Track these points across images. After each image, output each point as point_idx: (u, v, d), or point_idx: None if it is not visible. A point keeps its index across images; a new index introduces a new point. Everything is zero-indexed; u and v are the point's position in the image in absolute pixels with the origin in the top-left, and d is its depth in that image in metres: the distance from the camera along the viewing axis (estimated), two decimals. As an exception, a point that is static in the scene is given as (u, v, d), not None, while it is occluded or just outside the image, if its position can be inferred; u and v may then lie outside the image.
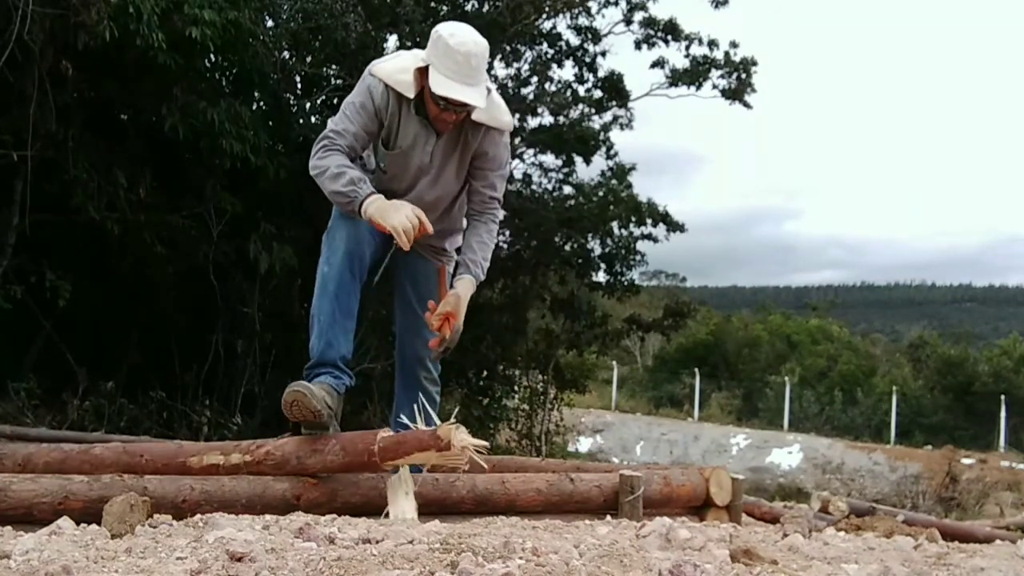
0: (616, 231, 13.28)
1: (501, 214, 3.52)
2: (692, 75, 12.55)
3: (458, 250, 3.53)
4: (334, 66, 9.98)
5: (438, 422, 2.96)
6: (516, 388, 14.32)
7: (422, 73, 3.17)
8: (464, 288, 3.31)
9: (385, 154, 3.32)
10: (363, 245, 3.26)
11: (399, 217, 3.05)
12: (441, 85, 3.10)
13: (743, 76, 12.49)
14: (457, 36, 3.13)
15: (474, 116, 3.23)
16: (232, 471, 3.16)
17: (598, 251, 13.43)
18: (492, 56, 11.68)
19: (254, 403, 9.13)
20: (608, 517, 3.36)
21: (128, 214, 8.13)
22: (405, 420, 3.04)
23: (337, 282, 3.23)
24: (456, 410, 3.12)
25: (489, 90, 3.24)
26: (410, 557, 2.05)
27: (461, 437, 2.83)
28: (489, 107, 3.25)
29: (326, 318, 3.25)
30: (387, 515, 2.93)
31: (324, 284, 3.25)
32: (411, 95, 3.19)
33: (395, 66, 3.25)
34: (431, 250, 3.51)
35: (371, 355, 9.50)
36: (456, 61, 3.09)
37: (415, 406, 3.04)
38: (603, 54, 12.59)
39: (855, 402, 26.11)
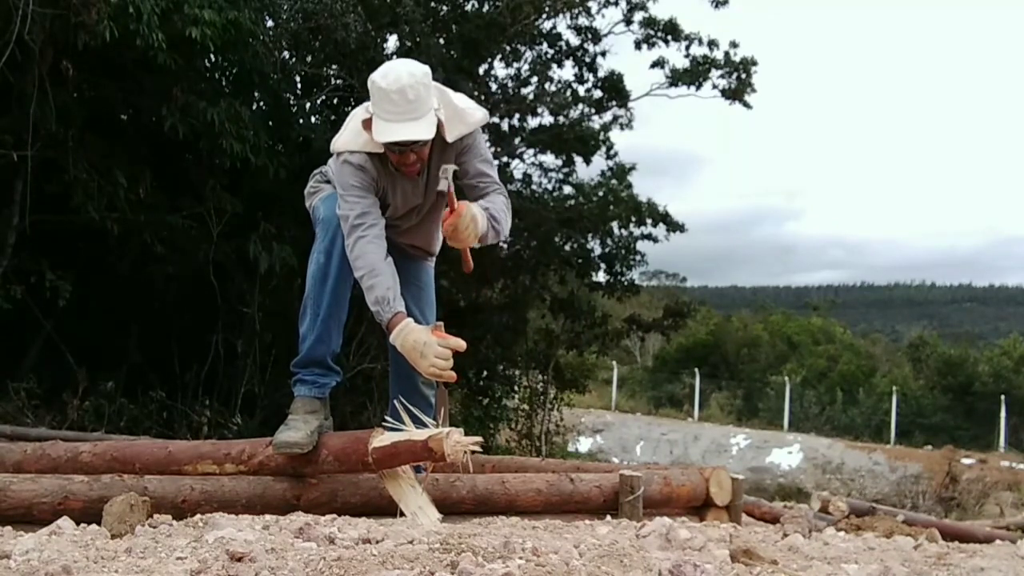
0: (616, 231, 13.30)
1: (504, 192, 3.34)
2: (692, 75, 12.56)
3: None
4: (334, 66, 9.97)
5: (429, 424, 2.95)
6: (516, 388, 14.33)
7: (369, 125, 3.06)
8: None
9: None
10: None
11: (429, 363, 2.96)
12: (382, 131, 2.99)
13: (743, 76, 12.50)
14: (389, 75, 2.99)
15: (448, 138, 3.14)
16: (229, 475, 3.16)
17: (598, 251, 13.45)
18: (492, 56, 11.75)
19: (254, 403, 9.12)
20: (608, 517, 3.36)
21: (128, 214, 8.13)
22: (393, 423, 3.01)
23: (336, 275, 3.20)
24: (443, 412, 3.09)
25: (438, 109, 3.07)
26: (410, 557, 2.05)
27: (454, 441, 2.81)
28: (458, 116, 3.15)
29: (323, 311, 3.23)
30: (401, 513, 2.93)
31: (323, 276, 3.22)
32: (381, 150, 3.10)
33: (352, 133, 3.15)
34: (420, 252, 3.58)
35: (371, 355, 9.49)
36: (392, 101, 2.96)
37: (397, 404, 3.03)
38: (603, 54, 12.62)
39: (855, 402, 26.10)
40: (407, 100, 2.97)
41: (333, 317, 3.25)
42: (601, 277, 13.64)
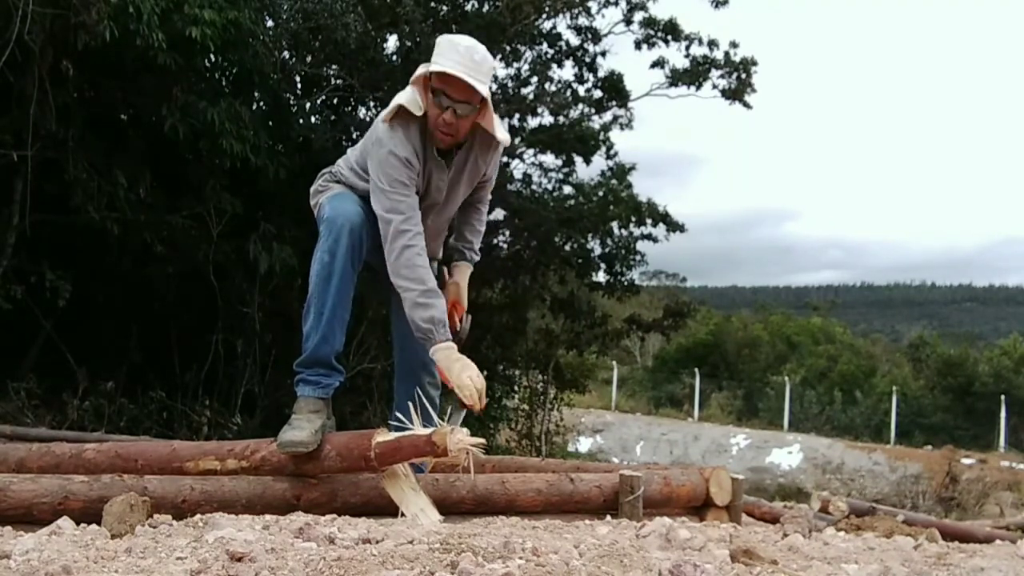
0: (616, 231, 13.27)
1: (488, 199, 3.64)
2: (692, 75, 12.54)
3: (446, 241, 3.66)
4: (334, 66, 9.98)
5: (438, 422, 2.95)
6: (516, 388, 14.32)
7: (425, 82, 3.10)
8: (462, 276, 3.43)
9: None
10: (363, 232, 3.23)
11: (466, 376, 3.01)
12: (445, 67, 3.04)
13: (743, 76, 12.48)
14: (458, 38, 3.15)
15: (484, 123, 3.22)
16: (229, 475, 3.16)
17: (598, 251, 13.43)
18: (492, 56, 11.74)
19: (254, 403, 9.12)
20: (608, 517, 3.36)
21: (128, 214, 8.13)
22: (401, 420, 3.02)
23: (340, 274, 3.19)
24: (450, 410, 3.09)
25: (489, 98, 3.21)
26: (410, 557, 2.05)
27: (458, 439, 2.81)
28: (493, 120, 3.26)
29: (327, 311, 3.21)
30: (402, 514, 2.93)
31: (327, 275, 3.21)
32: (419, 112, 3.13)
33: (397, 101, 3.18)
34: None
35: (371, 355, 9.49)
36: (459, 52, 3.06)
37: (411, 405, 3.03)
38: (603, 54, 12.59)
39: (855, 402, 26.10)
40: (473, 60, 3.07)
41: (337, 317, 3.24)
42: (601, 277, 13.62)
